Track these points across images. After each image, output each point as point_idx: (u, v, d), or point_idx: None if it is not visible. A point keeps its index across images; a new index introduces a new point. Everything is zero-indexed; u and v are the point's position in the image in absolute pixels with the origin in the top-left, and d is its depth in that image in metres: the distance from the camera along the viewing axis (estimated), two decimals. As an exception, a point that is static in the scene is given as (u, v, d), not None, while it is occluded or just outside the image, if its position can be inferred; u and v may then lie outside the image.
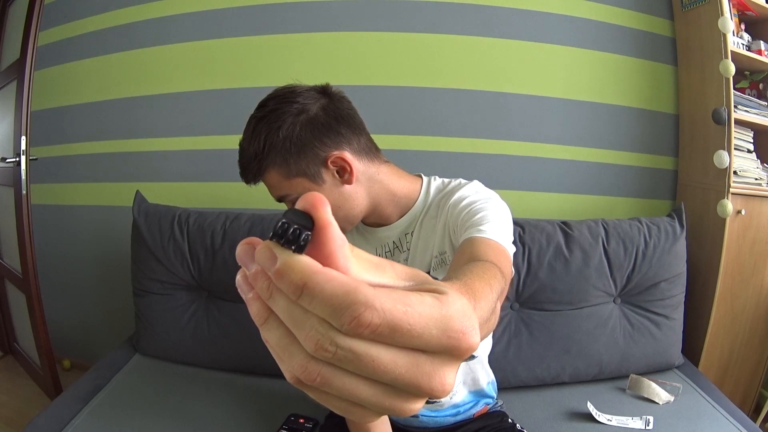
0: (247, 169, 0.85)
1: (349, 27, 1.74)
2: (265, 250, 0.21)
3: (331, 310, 0.19)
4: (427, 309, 0.19)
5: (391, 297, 0.19)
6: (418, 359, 0.20)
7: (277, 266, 0.20)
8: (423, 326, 0.19)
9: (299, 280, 0.19)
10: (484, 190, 0.86)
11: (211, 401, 1.28)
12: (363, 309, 0.18)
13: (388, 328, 0.19)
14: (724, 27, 1.47)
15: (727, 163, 1.49)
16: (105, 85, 1.92)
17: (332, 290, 0.19)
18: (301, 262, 0.20)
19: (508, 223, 0.77)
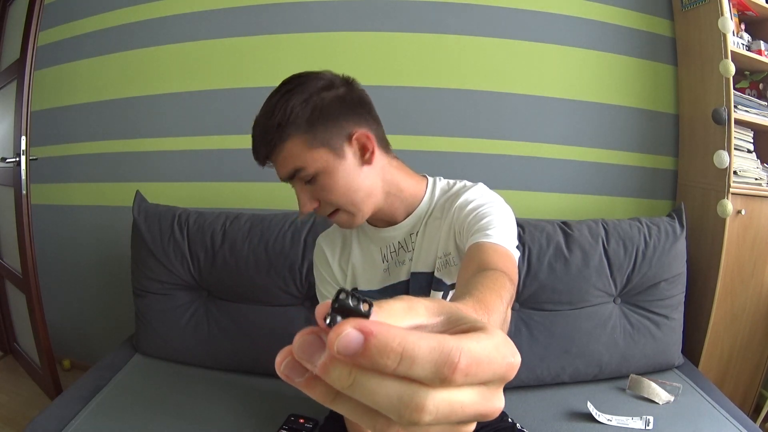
0: (265, 139, 0.79)
1: (348, 27, 1.74)
2: (344, 328, 0.19)
3: (430, 367, 0.19)
4: (488, 343, 0.20)
5: (466, 340, 0.20)
6: (483, 392, 0.21)
7: (369, 341, 0.19)
8: (493, 358, 0.20)
9: (399, 346, 0.19)
10: (489, 192, 0.87)
11: (211, 401, 1.28)
12: (455, 357, 0.19)
13: (475, 367, 0.19)
14: (724, 27, 1.47)
15: (727, 163, 1.49)
16: (105, 85, 1.92)
17: (429, 350, 0.19)
18: (392, 329, 0.19)
19: (513, 227, 0.78)
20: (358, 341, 0.19)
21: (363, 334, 0.19)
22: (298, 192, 0.82)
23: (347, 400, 0.21)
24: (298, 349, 0.21)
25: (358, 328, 0.19)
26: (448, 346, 0.19)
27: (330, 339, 0.19)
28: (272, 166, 0.83)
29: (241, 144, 1.83)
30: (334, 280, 0.98)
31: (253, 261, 1.43)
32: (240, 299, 1.46)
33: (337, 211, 0.83)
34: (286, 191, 1.91)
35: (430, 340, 0.19)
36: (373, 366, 0.19)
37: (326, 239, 1.01)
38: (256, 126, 0.82)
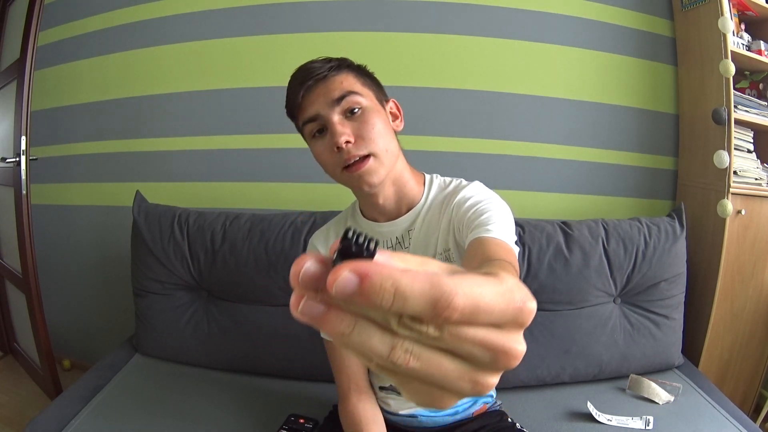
0: (326, 64, 0.84)
1: (348, 27, 1.74)
2: (341, 272, 0.20)
3: (424, 306, 0.20)
4: (491, 289, 0.21)
5: (466, 281, 0.21)
6: (494, 334, 0.21)
7: (364, 283, 0.20)
8: (494, 302, 0.21)
9: (391, 287, 0.20)
10: (486, 190, 0.89)
11: (211, 401, 1.28)
12: (451, 298, 0.20)
13: (470, 309, 0.20)
14: (724, 27, 1.47)
15: (727, 163, 1.49)
16: (105, 85, 1.92)
17: (421, 289, 0.20)
18: (386, 269, 0.20)
19: (512, 223, 0.80)
20: (354, 284, 0.20)
21: (359, 276, 0.20)
22: (334, 124, 0.80)
23: (364, 326, 0.22)
24: (304, 279, 0.22)
25: (355, 271, 0.20)
26: (442, 287, 0.20)
27: (329, 282, 0.20)
28: (320, 86, 0.83)
29: (241, 144, 1.84)
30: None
31: (253, 261, 1.43)
32: (240, 299, 1.46)
33: (368, 158, 0.81)
34: (286, 191, 1.92)
35: (423, 281, 0.20)
36: (369, 306, 0.20)
37: (319, 238, 1.00)
38: (308, 64, 0.85)
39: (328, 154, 0.83)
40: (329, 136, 0.82)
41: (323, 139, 0.84)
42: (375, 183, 0.83)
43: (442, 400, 0.23)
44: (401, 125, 0.92)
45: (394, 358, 0.22)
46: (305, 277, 0.22)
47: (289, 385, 1.39)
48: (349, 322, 0.21)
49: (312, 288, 0.22)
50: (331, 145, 0.81)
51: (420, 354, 0.22)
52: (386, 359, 0.22)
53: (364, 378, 1.00)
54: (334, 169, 0.84)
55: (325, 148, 0.83)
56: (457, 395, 0.23)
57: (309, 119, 0.83)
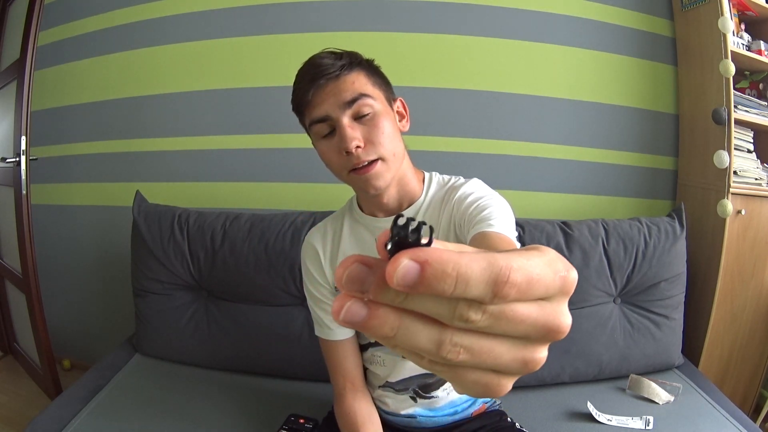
0: (338, 62, 0.82)
1: (348, 27, 1.74)
2: (401, 260, 0.20)
3: (484, 286, 0.20)
4: (538, 260, 0.21)
5: (516, 256, 0.21)
6: (544, 306, 0.21)
7: (426, 270, 0.20)
8: (544, 274, 0.21)
9: (452, 271, 0.19)
10: (486, 187, 0.90)
11: (211, 401, 1.28)
12: (508, 272, 0.20)
13: (525, 283, 0.20)
14: (724, 27, 1.47)
15: (727, 163, 1.49)
16: (105, 85, 1.92)
17: (481, 268, 0.20)
18: (445, 254, 0.20)
19: (513, 219, 0.81)
20: (416, 271, 0.19)
21: (419, 264, 0.20)
22: (345, 128, 0.79)
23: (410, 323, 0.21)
24: (348, 281, 0.21)
25: (414, 259, 0.20)
26: (498, 264, 0.20)
27: (388, 273, 0.20)
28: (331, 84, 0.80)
29: (241, 144, 1.84)
30: (324, 279, 0.97)
31: (253, 261, 1.43)
32: (240, 299, 1.46)
33: (376, 162, 0.81)
34: (286, 191, 1.92)
35: (481, 261, 0.20)
36: (430, 292, 0.20)
37: (316, 235, 0.99)
38: (324, 57, 0.82)
39: (335, 155, 0.82)
40: (338, 138, 0.81)
41: (331, 140, 0.82)
42: (381, 186, 0.84)
43: (498, 386, 0.23)
44: (407, 125, 0.91)
45: (443, 353, 0.21)
46: (351, 278, 0.21)
47: (289, 385, 1.39)
48: (393, 323, 0.21)
49: (357, 289, 0.21)
50: (340, 147, 0.81)
51: (470, 345, 0.21)
52: (436, 355, 0.21)
53: (360, 377, 1.00)
54: (341, 171, 0.84)
55: (332, 149, 0.83)
56: (511, 377, 0.23)
57: (318, 119, 0.82)
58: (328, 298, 0.97)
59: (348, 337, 0.98)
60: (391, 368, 0.98)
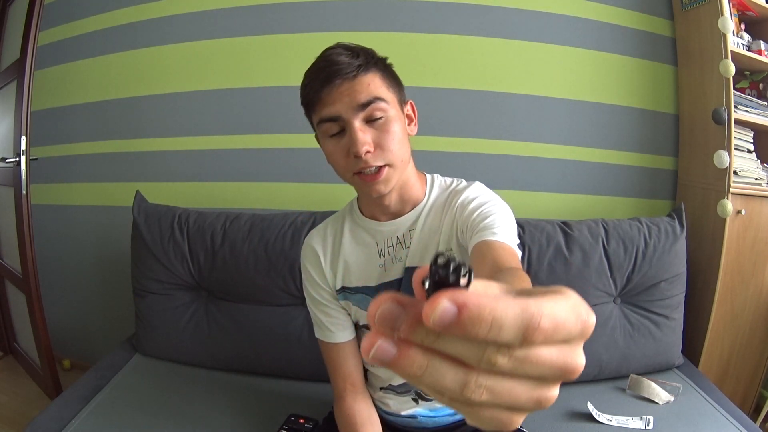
0: (354, 61, 0.79)
1: (348, 27, 1.74)
2: (440, 302, 0.20)
3: (518, 332, 0.20)
4: (565, 304, 0.22)
5: (546, 302, 0.21)
6: (563, 348, 0.22)
7: (463, 314, 0.20)
8: (569, 319, 0.22)
9: (489, 316, 0.20)
10: (488, 191, 0.90)
11: (211, 401, 1.28)
12: (539, 319, 0.20)
13: (552, 329, 0.21)
14: (724, 27, 1.47)
15: (727, 163, 1.49)
16: (105, 85, 1.92)
17: (515, 315, 0.20)
18: (483, 299, 0.20)
19: (515, 225, 0.81)
20: (453, 313, 0.20)
21: (457, 306, 0.20)
22: (356, 131, 0.77)
23: (438, 365, 0.22)
24: (380, 321, 0.22)
25: (453, 300, 0.20)
26: (530, 310, 0.20)
27: (425, 312, 0.20)
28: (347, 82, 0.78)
29: (241, 144, 1.84)
30: (324, 281, 0.96)
31: (253, 261, 1.43)
32: (240, 299, 1.46)
33: (384, 168, 0.80)
34: (286, 191, 1.92)
35: (515, 307, 0.20)
36: (466, 335, 0.20)
37: (316, 237, 0.98)
38: (334, 56, 0.79)
39: (342, 157, 0.81)
40: (348, 140, 0.79)
41: (339, 140, 0.80)
42: (385, 192, 0.82)
43: (510, 422, 0.24)
44: (415, 129, 0.89)
45: (467, 394, 0.22)
46: (383, 316, 0.22)
47: (289, 385, 1.39)
48: (422, 362, 0.22)
49: (389, 327, 0.22)
50: (348, 149, 0.79)
51: (493, 386, 0.22)
52: (460, 395, 0.22)
53: (360, 378, 1.00)
54: (345, 172, 0.82)
55: (340, 150, 0.80)
56: (524, 414, 0.24)
57: (328, 118, 0.79)
58: (328, 301, 0.97)
59: (348, 340, 0.97)
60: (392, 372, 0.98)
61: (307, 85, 0.81)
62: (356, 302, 0.94)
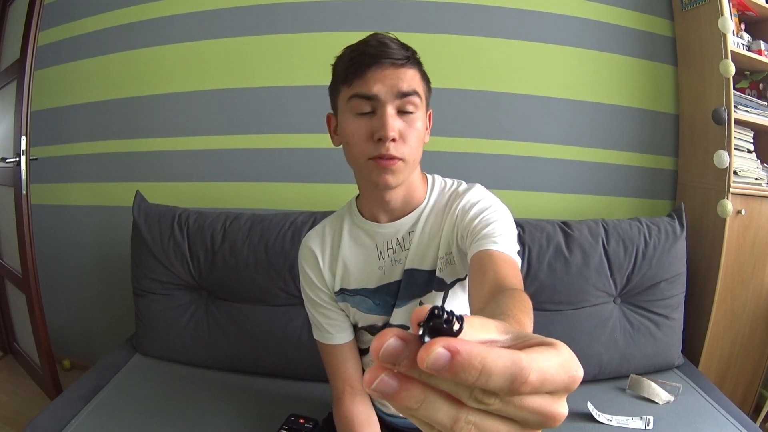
0: (403, 51, 0.81)
1: (348, 27, 1.74)
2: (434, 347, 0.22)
3: (505, 382, 0.22)
4: (555, 360, 0.24)
5: (536, 356, 0.23)
6: (547, 401, 0.24)
7: (455, 359, 0.22)
8: (557, 375, 0.23)
9: (478, 364, 0.22)
10: (490, 195, 0.89)
11: (211, 401, 1.28)
12: (528, 374, 0.22)
13: (540, 383, 0.23)
14: (724, 27, 1.47)
15: (727, 163, 1.49)
16: (105, 85, 1.92)
17: (504, 366, 0.22)
18: (474, 348, 0.22)
19: (515, 232, 0.81)
20: (446, 359, 0.22)
21: (450, 352, 0.22)
22: (388, 115, 0.77)
23: (433, 400, 0.24)
24: (386, 354, 0.23)
25: (446, 347, 0.22)
26: (520, 364, 0.22)
27: (420, 356, 0.22)
28: (391, 68, 0.78)
29: (241, 144, 1.84)
30: (323, 283, 0.95)
31: (253, 261, 1.43)
32: (240, 299, 1.46)
33: (398, 161, 0.79)
34: (286, 191, 1.91)
35: (506, 359, 0.22)
36: (455, 379, 0.22)
37: (314, 239, 0.97)
38: (387, 40, 0.81)
39: (363, 138, 0.79)
40: (377, 123, 0.78)
41: (366, 120, 0.79)
42: (392, 185, 0.82)
43: None
44: (428, 138, 0.88)
45: (457, 428, 0.23)
46: (387, 352, 0.23)
47: (289, 385, 1.39)
48: (419, 397, 0.23)
49: (391, 362, 0.23)
50: (371, 132, 0.78)
51: (480, 423, 0.24)
52: (449, 429, 0.24)
53: (359, 380, 0.99)
54: (360, 155, 0.80)
55: (364, 130, 0.79)
56: None
57: (365, 96, 0.78)
58: (326, 303, 0.96)
59: (347, 341, 0.97)
60: None
61: (351, 59, 0.80)
62: (355, 304, 0.94)
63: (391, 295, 0.91)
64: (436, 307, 0.23)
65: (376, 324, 0.94)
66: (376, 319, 0.94)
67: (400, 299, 0.90)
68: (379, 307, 0.93)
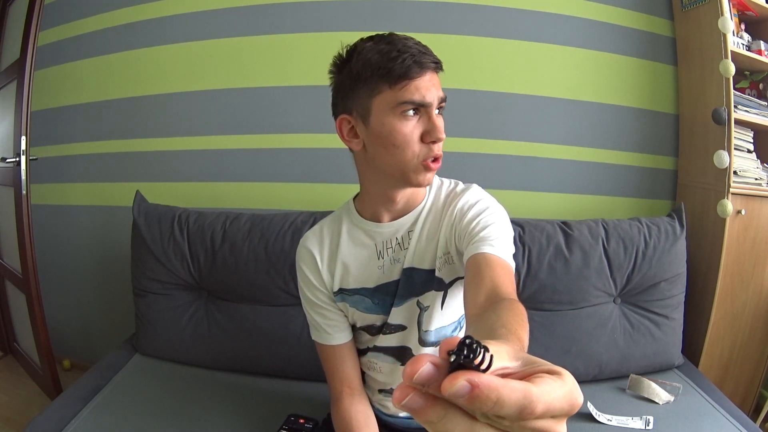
0: (435, 57, 0.81)
1: (348, 27, 1.74)
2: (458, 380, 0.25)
3: (515, 412, 0.25)
4: (560, 392, 0.26)
5: (545, 388, 0.26)
6: (549, 422, 0.26)
7: (474, 392, 0.24)
8: (561, 404, 0.26)
9: (495, 398, 0.24)
10: (487, 195, 0.89)
11: (211, 401, 1.28)
12: (535, 406, 0.25)
13: (545, 411, 0.25)
14: (724, 27, 1.47)
15: (727, 163, 1.49)
16: (105, 85, 1.92)
17: (516, 399, 0.25)
18: (492, 382, 0.25)
19: (511, 234, 0.82)
20: (466, 390, 0.24)
21: (471, 385, 0.24)
22: (437, 120, 0.79)
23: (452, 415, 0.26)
24: (419, 379, 0.26)
25: (469, 381, 0.24)
26: (530, 397, 0.25)
27: (444, 386, 0.25)
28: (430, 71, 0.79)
29: (241, 144, 1.84)
30: (321, 284, 0.94)
31: (253, 261, 1.43)
32: (240, 299, 1.46)
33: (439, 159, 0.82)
34: (286, 191, 1.91)
35: (518, 392, 0.25)
36: (472, 407, 0.25)
37: (312, 239, 0.96)
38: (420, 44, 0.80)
39: (415, 140, 0.79)
40: (429, 125, 0.78)
41: (414, 120, 0.78)
42: (431, 183, 0.85)
43: None
44: None
45: None
46: (421, 377, 0.26)
47: (289, 385, 1.39)
48: (441, 413, 0.26)
49: (422, 385, 0.26)
50: (423, 133, 0.79)
51: None
52: None
53: (357, 380, 0.99)
54: (413, 157, 0.79)
55: (415, 132, 0.79)
56: None
57: (419, 103, 0.77)
58: (325, 303, 0.95)
59: (345, 342, 0.97)
60: (388, 376, 0.98)
61: (392, 57, 0.76)
62: (353, 304, 0.94)
63: (389, 295, 0.91)
64: (469, 337, 0.26)
65: (374, 323, 0.94)
66: (374, 318, 0.94)
67: (398, 298, 0.91)
68: (378, 307, 0.93)
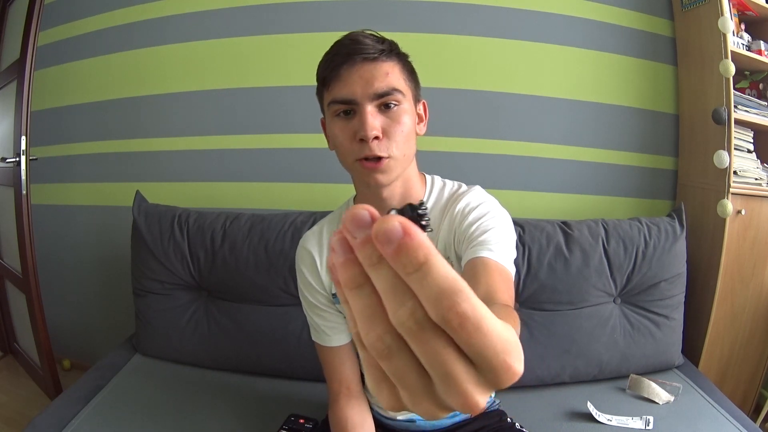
0: (378, 45, 0.78)
1: (348, 27, 1.71)
2: (393, 220, 0.21)
3: (438, 291, 0.20)
4: (503, 329, 0.21)
5: (485, 306, 0.21)
6: (470, 370, 0.21)
7: (405, 239, 0.20)
8: (495, 338, 0.21)
9: (422, 256, 0.20)
10: (489, 198, 0.88)
11: (211, 401, 1.28)
12: (464, 298, 0.20)
13: (473, 325, 0.20)
14: (724, 27, 1.47)
15: (727, 163, 1.49)
16: (105, 85, 1.92)
17: (445, 274, 0.20)
18: (428, 241, 0.21)
19: (513, 239, 0.80)
20: (397, 235, 0.20)
21: (404, 231, 0.21)
22: (367, 114, 0.76)
23: (366, 294, 0.22)
24: (350, 219, 0.22)
25: (403, 225, 0.21)
26: (460, 286, 0.20)
27: (376, 226, 0.21)
28: (367, 64, 0.76)
29: (241, 144, 1.84)
30: (320, 285, 0.94)
31: (253, 261, 1.43)
32: (240, 299, 1.46)
33: (384, 159, 0.78)
34: (286, 191, 1.91)
35: (451, 272, 0.20)
36: (394, 260, 0.21)
37: (312, 240, 0.96)
38: (360, 36, 0.78)
39: (348, 139, 0.78)
40: (357, 123, 0.77)
41: (348, 121, 0.78)
42: (384, 183, 0.81)
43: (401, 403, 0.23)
44: (424, 129, 0.88)
45: (374, 343, 0.22)
46: (353, 216, 0.22)
47: (289, 385, 1.39)
48: (356, 281, 0.22)
49: (353, 228, 0.22)
50: (355, 132, 0.77)
51: (393, 354, 0.22)
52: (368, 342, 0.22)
53: (356, 382, 0.99)
54: (347, 156, 0.80)
55: (347, 132, 0.78)
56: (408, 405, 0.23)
57: (342, 101, 0.78)
58: (324, 304, 0.95)
59: (345, 343, 0.96)
60: None
61: (326, 60, 0.79)
62: None
63: None
64: (423, 203, 0.23)
65: None
66: None
67: None
68: None
